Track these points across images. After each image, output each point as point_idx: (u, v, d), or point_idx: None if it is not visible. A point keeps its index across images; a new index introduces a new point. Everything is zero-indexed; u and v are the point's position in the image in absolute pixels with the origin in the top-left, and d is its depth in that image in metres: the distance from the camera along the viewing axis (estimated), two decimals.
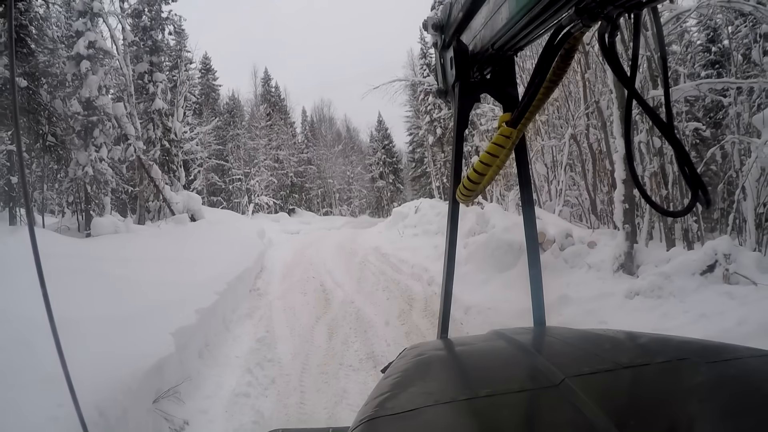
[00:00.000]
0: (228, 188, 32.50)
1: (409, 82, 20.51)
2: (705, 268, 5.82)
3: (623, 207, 6.77)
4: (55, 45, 13.67)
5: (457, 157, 1.24)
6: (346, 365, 5.43)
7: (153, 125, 14.84)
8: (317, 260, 12.67)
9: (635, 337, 0.95)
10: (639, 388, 0.70)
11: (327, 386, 4.90)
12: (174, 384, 3.98)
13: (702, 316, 5.10)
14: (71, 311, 3.66)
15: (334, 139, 49.42)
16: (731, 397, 0.66)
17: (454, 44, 1.16)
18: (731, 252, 5.86)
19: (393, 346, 5.86)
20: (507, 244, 7.70)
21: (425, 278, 8.92)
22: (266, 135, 36.99)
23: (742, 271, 5.79)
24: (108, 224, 10.43)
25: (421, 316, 6.96)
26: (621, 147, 6.76)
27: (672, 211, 1.04)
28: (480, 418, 0.69)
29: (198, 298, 5.84)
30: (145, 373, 3.47)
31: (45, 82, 12.43)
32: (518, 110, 0.95)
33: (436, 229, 13.62)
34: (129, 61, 13.99)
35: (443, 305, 1.26)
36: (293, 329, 6.74)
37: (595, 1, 0.73)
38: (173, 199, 13.81)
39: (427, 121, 24.66)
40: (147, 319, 4.44)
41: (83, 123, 11.81)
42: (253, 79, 44.38)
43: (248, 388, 4.72)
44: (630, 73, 0.80)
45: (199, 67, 34.63)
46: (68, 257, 6.46)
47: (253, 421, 4.09)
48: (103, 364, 3.15)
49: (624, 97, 6.95)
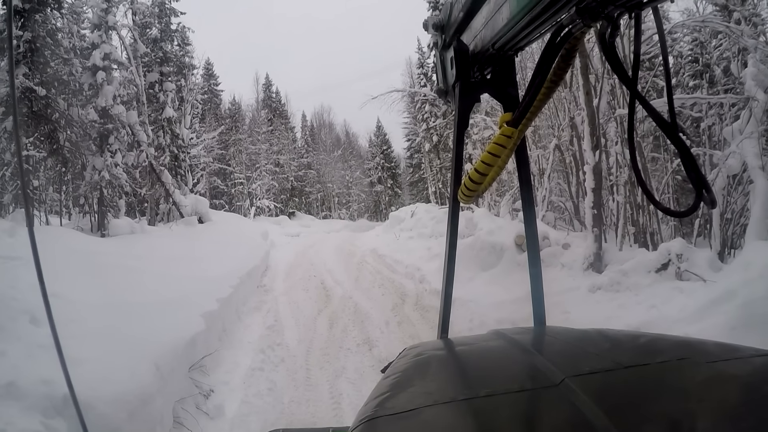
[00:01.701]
0: (230, 192, 33.35)
1: (406, 92, 21.39)
2: (659, 266, 6.65)
3: (592, 213, 7.60)
4: (70, 55, 14.47)
5: (457, 157, 1.25)
6: (345, 348, 6.25)
7: (163, 132, 15.69)
8: (318, 261, 13.46)
9: (635, 337, 0.96)
10: (639, 388, 0.69)
11: (329, 364, 5.72)
12: (202, 357, 4.79)
13: (652, 306, 5.91)
14: (124, 297, 4.49)
15: (333, 144, 50.14)
16: (731, 397, 0.67)
17: (455, 44, 1.16)
18: (683, 252, 6.68)
19: (386, 334, 6.68)
20: (490, 245, 8.53)
21: (417, 276, 9.73)
22: (267, 140, 37.85)
23: (693, 270, 6.60)
24: (125, 225, 11.26)
25: (412, 309, 7.77)
26: (590, 159, 7.57)
27: (677, 211, 1.06)
28: (480, 418, 0.69)
29: (215, 290, 6.66)
30: (186, 343, 4.32)
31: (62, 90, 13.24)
32: (519, 110, 0.97)
33: (430, 233, 14.43)
34: (141, 72, 14.84)
35: (443, 305, 1.26)
36: (298, 320, 7.55)
37: (595, 1, 0.74)
38: (182, 202, 14.65)
39: (423, 129, 25.59)
40: (180, 305, 5.28)
41: (99, 130, 12.61)
42: (255, 86, 45.47)
43: (262, 364, 5.54)
44: (632, 74, 0.82)
45: (201, 72, 35.52)
46: (99, 254, 7.28)
47: (268, 389, 4.92)
48: (156, 334, 3.98)
49: (594, 114, 7.82)
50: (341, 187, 46.39)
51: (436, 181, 26.57)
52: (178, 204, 14.54)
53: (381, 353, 5.91)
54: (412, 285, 9.39)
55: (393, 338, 6.47)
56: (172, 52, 17.23)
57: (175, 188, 14.89)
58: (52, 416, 2.64)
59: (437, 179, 26.40)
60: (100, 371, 3.10)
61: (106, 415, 2.84)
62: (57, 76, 13.45)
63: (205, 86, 34.70)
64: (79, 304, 4.23)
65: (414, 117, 30.72)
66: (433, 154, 26.11)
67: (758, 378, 0.70)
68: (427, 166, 28.40)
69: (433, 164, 26.65)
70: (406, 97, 25.12)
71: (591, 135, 7.55)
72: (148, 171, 14.31)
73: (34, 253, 0.97)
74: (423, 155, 29.24)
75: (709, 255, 7.13)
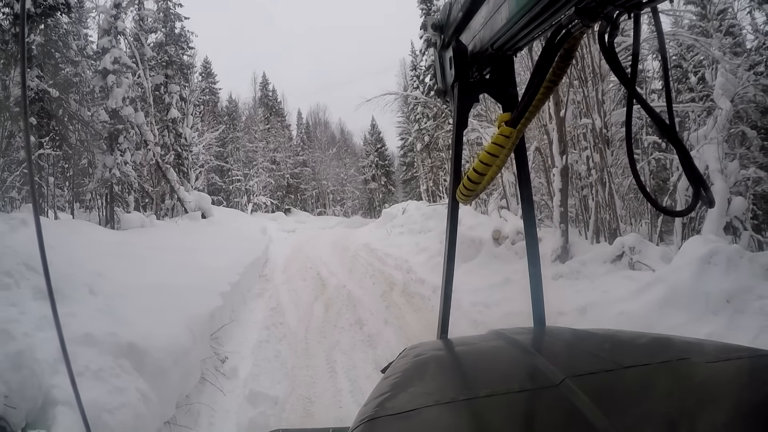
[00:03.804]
0: (228, 188, 34.23)
1: (399, 96, 22.33)
2: (614, 258, 7.61)
3: (559, 210, 8.55)
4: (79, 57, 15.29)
5: (456, 157, 1.24)
6: (338, 327, 7.17)
7: (168, 132, 16.59)
8: (314, 254, 14.35)
9: (635, 337, 0.96)
10: (639, 388, 0.69)
11: (325, 339, 6.64)
12: (220, 327, 5.73)
13: (604, 292, 6.84)
14: (153, 279, 5.42)
15: (328, 142, 50.88)
16: (731, 397, 0.68)
17: (454, 44, 1.17)
18: (636, 245, 7.64)
19: (375, 315, 7.60)
20: (470, 239, 9.47)
21: (405, 268, 10.65)
22: (264, 138, 38.72)
23: (645, 261, 7.56)
24: (136, 219, 12.15)
25: (399, 296, 8.70)
26: (558, 162, 8.52)
27: (675, 210, 1.06)
28: (480, 418, 0.70)
29: (225, 277, 7.56)
30: (209, 314, 5.27)
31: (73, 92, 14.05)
32: (518, 110, 0.98)
33: (419, 229, 15.36)
34: (148, 75, 15.71)
35: (443, 305, 1.26)
36: (297, 304, 8.46)
37: (595, 1, 0.75)
38: (186, 198, 15.56)
39: (416, 129, 26.57)
40: (199, 286, 6.21)
41: (110, 130, 13.47)
42: (253, 85, 46.12)
43: (268, 338, 6.47)
44: (630, 74, 0.83)
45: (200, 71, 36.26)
46: (120, 245, 8.17)
47: (274, 356, 5.85)
48: (185, 307, 4.91)
49: (562, 123, 8.76)
50: (336, 184, 47.09)
51: (428, 180, 27.57)
52: (183, 200, 15.44)
53: (370, 330, 6.84)
54: (400, 275, 10.31)
55: (380, 318, 7.39)
56: (176, 55, 18.10)
57: (180, 185, 15.78)
58: (119, 357, 3.54)
59: (429, 177, 27.40)
60: (150, 330, 4.02)
61: (158, 359, 3.75)
62: (68, 78, 14.26)
63: (203, 85, 35.49)
64: (120, 282, 5.14)
65: (407, 117, 31.69)
66: (425, 154, 27.11)
67: (758, 378, 0.71)
68: (419, 164, 29.37)
69: (425, 163, 27.65)
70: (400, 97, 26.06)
71: (559, 141, 8.49)
72: (154, 169, 15.18)
73: (40, 245, 1.00)
74: (416, 154, 30.18)
75: (660, 249, 8.10)
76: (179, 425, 3.98)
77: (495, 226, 9.12)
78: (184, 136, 17.39)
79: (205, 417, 4.36)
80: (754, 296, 5.37)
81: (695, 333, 5.14)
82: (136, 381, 3.44)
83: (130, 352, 3.59)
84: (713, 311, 5.30)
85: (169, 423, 3.88)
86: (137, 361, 3.58)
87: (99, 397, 3.08)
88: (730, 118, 10.29)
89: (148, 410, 3.35)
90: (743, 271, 5.64)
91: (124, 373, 3.41)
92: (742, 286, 5.47)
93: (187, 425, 4.05)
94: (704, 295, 5.39)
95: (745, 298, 5.37)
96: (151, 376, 3.58)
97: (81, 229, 9.14)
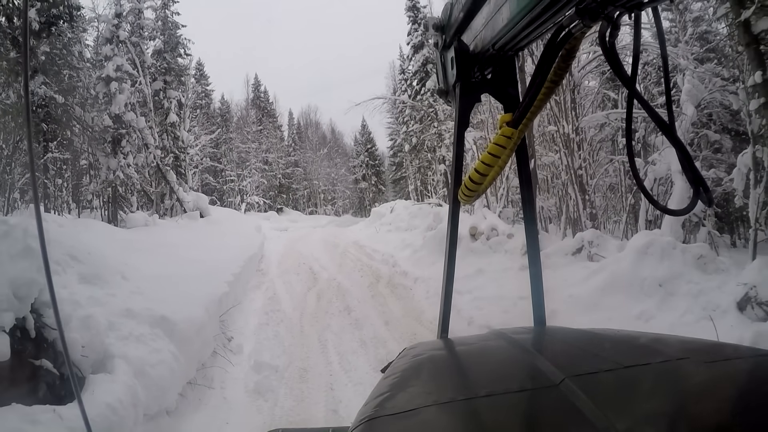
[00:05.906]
0: (222, 188, 35.03)
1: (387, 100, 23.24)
2: (575, 250, 8.58)
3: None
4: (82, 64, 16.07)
5: (458, 157, 1.25)
6: (329, 313, 8.08)
7: (167, 135, 17.42)
8: (306, 251, 15.23)
9: (635, 337, 0.96)
10: (639, 388, 0.69)
11: (317, 323, 7.55)
12: (228, 309, 6.64)
13: (564, 280, 7.79)
14: (169, 270, 6.33)
15: (319, 142, 51.59)
16: (731, 397, 0.68)
17: (455, 44, 1.17)
18: (594, 240, 8.61)
19: (362, 303, 8.51)
20: None
21: (391, 262, 11.57)
22: (257, 139, 39.52)
23: (602, 253, 8.53)
24: (140, 218, 12.99)
25: (384, 287, 9.62)
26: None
27: (675, 209, 1.07)
28: (480, 418, 0.70)
29: (227, 269, 8.44)
30: (218, 298, 6.18)
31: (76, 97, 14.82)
32: (519, 110, 0.98)
33: (406, 226, 16.30)
34: (148, 81, 16.53)
35: (443, 305, 1.27)
36: (292, 295, 9.36)
37: (595, 2, 0.75)
38: (185, 199, 16.40)
39: (404, 131, 27.55)
40: (208, 276, 7.12)
41: (113, 135, 14.28)
42: (245, 87, 46.90)
43: (267, 321, 7.38)
44: (631, 73, 0.83)
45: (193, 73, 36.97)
46: (130, 241, 9.04)
47: (273, 335, 6.76)
48: (200, 292, 5.83)
49: (530, 129, 9.70)
50: (327, 184, 47.77)
51: (416, 179, 28.56)
52: (182, 200, 16.29)
53: (357, 315, 7.75)
54: (386, 269, 11.22)
55: (367, 305, 8.31)
56: (174, 62, 18.92)
57: (179, 186, 16.63)
58: (154, 326, 4.43)
59: (416, 178, 28.39)
60: (175, 307, 4.92)
61: (184, 329, 4.65)
62: (72, 84, 15.04)
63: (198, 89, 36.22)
64: (143, 271, 6.03)
65: (396, 119, 32.65)
66: (413, 155, 28.10)
67: (758, 378, 0.71)
68: (408, 165, 30.33)
69: (412, 164, 28.64)
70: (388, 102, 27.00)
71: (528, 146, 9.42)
72: (155, 170, 16.01)
73: (42, 243, 1.02)
74: (404, 155, 31.10)
75: (618, 242, 9.08)
76: (198, 384, 4.89)
77: (472, 223, 10.06)
78: (182, 138, 18.23)
79: (218, 380, 5.26)
80: (684, 281, 6.36)
81: (630, 311, 6.17)
82: (168, 345, 4.34)
83: (162, 323, 4.50)
84: (647, 294, 6.28)
85: (190, 383, 4.79)
86: (168, 330, 4.48)
87: (143, 356, 3.99)
88: (694, 122, 11.32)
89: (178, 368, 4.26)
90: (675, 260, 6.62)
91: (158, 339, 4.32)
92: (674, 273, 6.46)
93: (204, 385, 4.96)
94: (640, 280, 6.37)
95: (676, 283, 6.35)
96: (179, 342, 4.49)
97: (94, 227, 9.98)
